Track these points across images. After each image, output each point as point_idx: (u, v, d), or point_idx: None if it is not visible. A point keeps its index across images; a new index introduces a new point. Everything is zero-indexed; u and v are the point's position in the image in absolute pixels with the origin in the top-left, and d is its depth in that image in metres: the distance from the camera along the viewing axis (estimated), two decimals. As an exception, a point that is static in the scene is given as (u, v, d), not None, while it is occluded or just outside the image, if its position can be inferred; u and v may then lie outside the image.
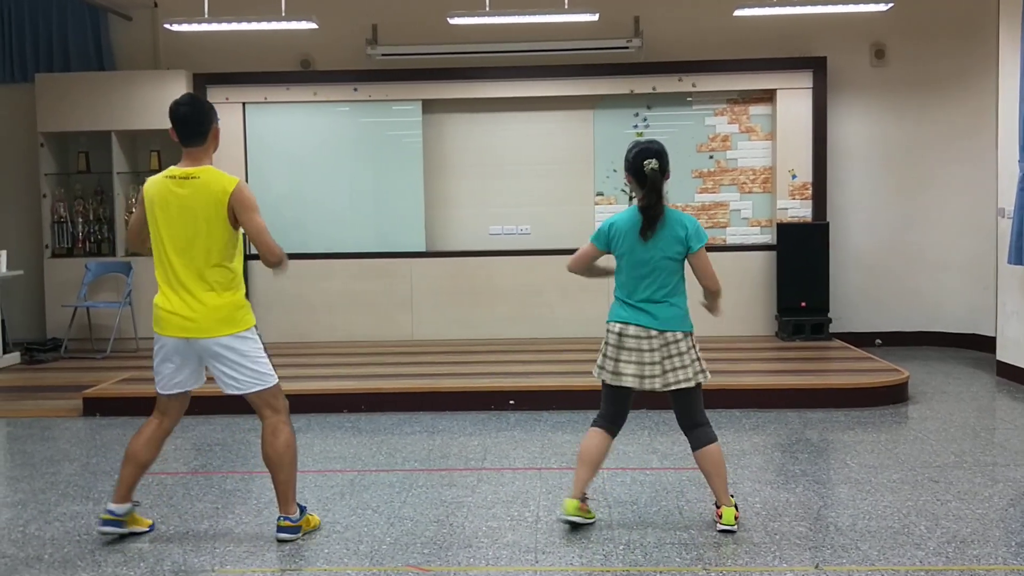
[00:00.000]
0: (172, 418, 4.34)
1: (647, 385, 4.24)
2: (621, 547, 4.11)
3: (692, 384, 4.27)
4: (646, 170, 4.18)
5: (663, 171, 4.22)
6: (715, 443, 4.31)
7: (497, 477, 5.24)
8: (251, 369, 4.21)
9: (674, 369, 4.24)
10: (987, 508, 4.57)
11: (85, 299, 9.10)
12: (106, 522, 4.25)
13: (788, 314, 9.00)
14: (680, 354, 4.25)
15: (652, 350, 4.23)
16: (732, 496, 4.36)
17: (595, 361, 4.40)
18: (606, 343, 4.32)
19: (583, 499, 4.33)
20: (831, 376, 7.54)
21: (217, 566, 4.00)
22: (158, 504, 4.85)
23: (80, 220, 9.51)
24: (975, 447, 5.74)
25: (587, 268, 4.45)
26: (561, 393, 6.82)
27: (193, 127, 4.17)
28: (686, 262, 4.32)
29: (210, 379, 4.35)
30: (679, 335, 4.27)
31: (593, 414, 4.44)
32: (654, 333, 4.23)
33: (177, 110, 4.18)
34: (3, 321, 8.72)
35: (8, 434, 6.59)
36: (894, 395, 6.94)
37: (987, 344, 8.77)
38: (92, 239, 9.54)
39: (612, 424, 4.36)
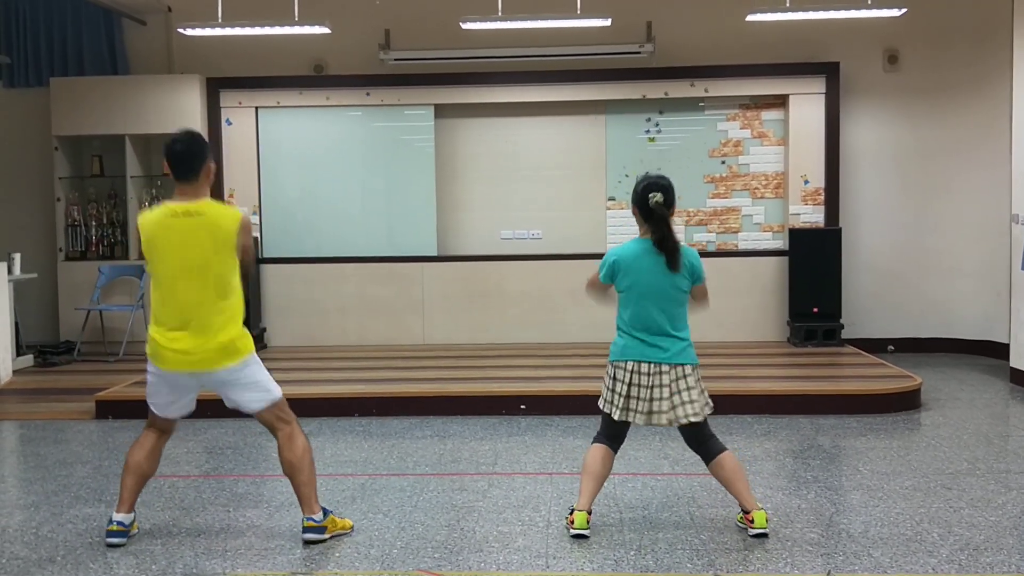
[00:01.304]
0: (170, 432, 4.43)
1: (654, 420, 4.24)
2: (632, 552, 4.11)
3: (700, 419, 4.27)
4: (651, 203, 4.18)
5: (668, 205, 4.21)
6: (727, 451, 4.31)
7: (508, 482, 5.24)
8: (255, 387, 4.26)
9: (683, 404, 4.22)
10: (1000, 515, 4.55)
11: (98, 302, 9.14)
12: (115, 533, 4.26)
13: (800, 319, 8.98)
14: (688, 388, 4.25)
15: (663, 385, 4.22)
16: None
17: (603, 382, 4.37)
18: (614, 379, 4.28)
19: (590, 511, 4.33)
20: (843, 382, 7.52)
21: (228, 569, 4.01)
22: (170, 507, 4.86)
23: (93, 223, 9.55)
24: (988, 454, 5.71)
25: (597, 296, 4.45)
26: (572, 398, 6.81)
27: (187, 164, 4.18)
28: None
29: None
30: (688, 368, 4.27)
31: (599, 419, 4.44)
32: (666, 368, 4.22)
33: (172, 147, 4.21)
34: (17, 324, 8.76)
35: (21, 436, 6.63)
36: (907, 401, 6.91)
37: (1001, 351, 8.72)
38: (105, 242, 9.59)
39: (614, 443, 4.37)
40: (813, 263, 8.98)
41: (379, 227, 9.56)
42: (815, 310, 8.97)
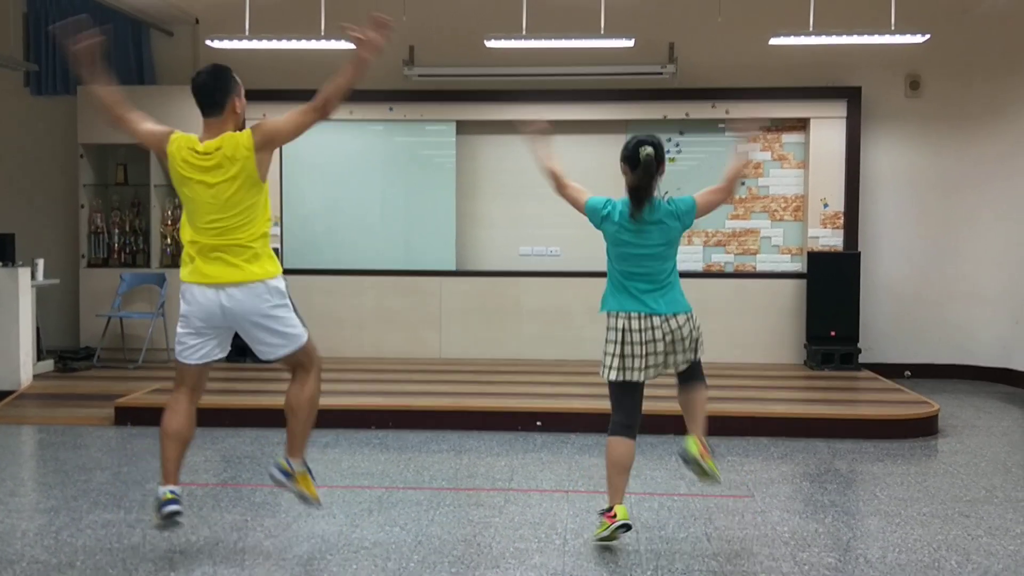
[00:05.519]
0: (199, 389, 4.30)
1: (652, 375, 4.35)
2: (648, 573, 4.11)
3: (694, 360, 4.43)
4: (641, 156, 4.29)
5: (659, 162, 4.32)
6: (703, 384, 4.50)
7: (524, 498, 5.25)
8: (284, 324, 4.17)
9: (684, 350, 4.37)
10: (1019, 545, 4.53)
11: (119, 309, 9.22)
12: (171, 501, 4.12)
13: (818, 343, 8.97)
14: (683, 339, 4.35)
15: (655, 340, 4.31)
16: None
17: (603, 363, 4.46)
18: (606, 337, 4.39)
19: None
20: (860, 407, 7.50)
21: (247, 578, 4.04)
22: (187, 514, 4.86)
23: (116, 231, 9.65)
24: (1006, 482, 5.69)
25: (557, 183, 4.73)
26: (588, 416, 6.81)
27: (209, 96, 4.14)
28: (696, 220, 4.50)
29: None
30: (682, 318, 4.36)
31: None
32: (657, 321, 4.32)
33: (197, 79, 4.16)
34: (38, 329, 8.84)
35: (41, 441, 6.68)
36: (924, 427, 6.90)
37: (1018, 378, 8.70)
38: (128, 250, 9.68)
39: (630, 431, 4.39)
40: (831, 287, 8.97)
41: (398, 241, 9.61)
42: (832, 334, 8.95)
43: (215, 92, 4.14)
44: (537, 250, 9.66)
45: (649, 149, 4.29)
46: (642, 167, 4.29)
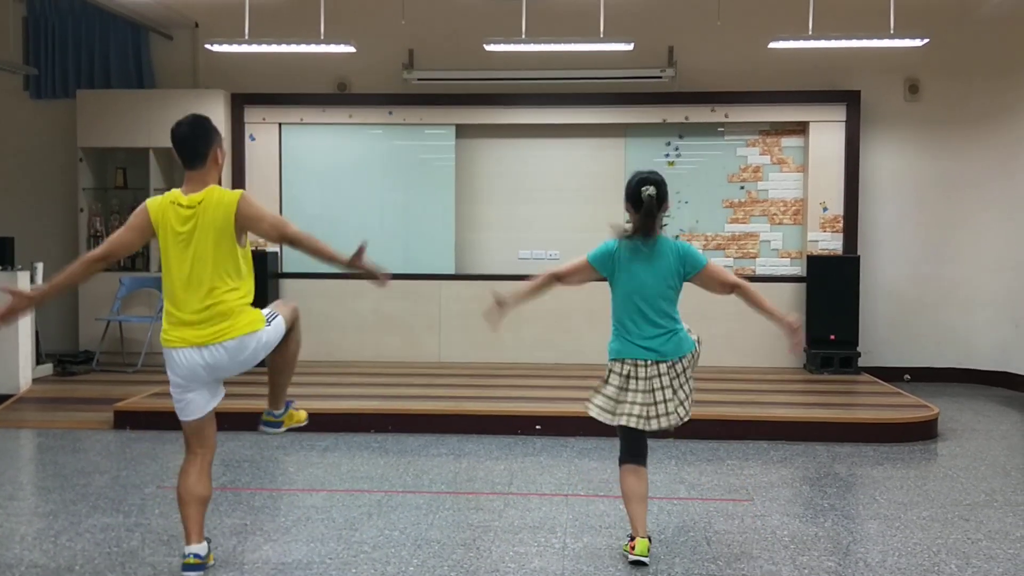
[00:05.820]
0: (209, 446, 4.20)
1: (653, 425, 4.25)
2: (648, 576, 4.11)
3: (687, 419, 4.37)
4: (643, 196, 4.25)
5: (660, 200, 4.28)
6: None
7: (524, 502, 5.24)
8: (265, 348, 4.09)
9: (680, 403, 4.30)
10: (1019, 548, 4.53)
11: (118, 313, 9.21)
12: (190, 567, 4.04)
13: (817, 347, 8.96)
14: (685, 384, 4.31)
15: (660, 388, 4.25)
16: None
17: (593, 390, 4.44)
18: (607, 381, 4.35)
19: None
20: (860, 410, 7.49)
21: (246, 582, 4.03)
22: (187, 519, 4.88)
23: (115, 235, 9.62)
24: (1006, 486, 5.68)
25: (561, 278, 4.61)
26: (587, 420, 6.73)
27: (192, 148, 4.01)
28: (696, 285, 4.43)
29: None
30: (685, 361, 4.32)
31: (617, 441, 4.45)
32: (664, 368, 4.26)
33: (177, 130, 4.03)
34: (37, 332, 8.83)
35: (40, 445, 6.68)
36: (923, 431, 6.89)
37: (1017, 382, 8.70)
38: (126, 254, 9.66)
39: (638, 458, 4.34)
40: (831, 290, 8.97)
41: (398, 244, 9.60)
42: (832, 337, 8.95)
43: (198, 144, 4.01)
44: (536, 253, 9.66)
45: (651, 190, 4.26)
46: (644, 210, 4.28)
